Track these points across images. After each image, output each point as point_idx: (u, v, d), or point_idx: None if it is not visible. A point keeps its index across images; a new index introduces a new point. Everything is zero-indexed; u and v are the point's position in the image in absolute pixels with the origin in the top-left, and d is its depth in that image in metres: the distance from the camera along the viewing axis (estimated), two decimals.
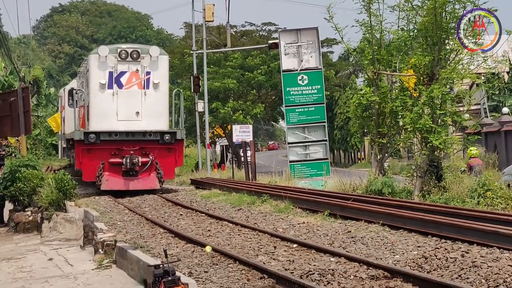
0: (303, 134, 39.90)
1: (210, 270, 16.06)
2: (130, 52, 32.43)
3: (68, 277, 16.27)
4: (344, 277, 14.32)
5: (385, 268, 14.78)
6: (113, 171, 32.10)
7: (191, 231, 22.37)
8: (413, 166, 28.97)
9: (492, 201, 23.15)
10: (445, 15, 27.37)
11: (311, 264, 15.90)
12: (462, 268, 14.23)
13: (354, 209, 23.80)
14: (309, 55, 40.10)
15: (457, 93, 30.64)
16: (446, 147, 27.82)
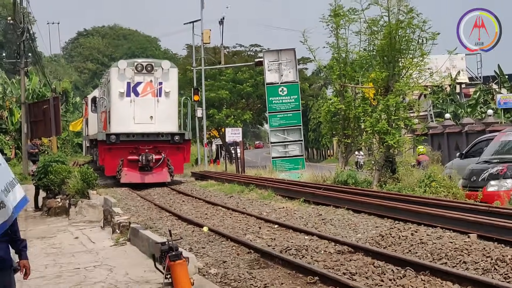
0: (283, 135, 39.91)
1: (206, 246, 16.04)
2: (145, 66, 32.24)
3: (91, 252, 16.22)
4: (316, 252, 14.33)
5: (349, 245, 14.81)
6: (131, 167, 31.76)
7: (191, 215, 22.37)
8: (372, 161, 29.07)
9: (436, 190, 23.23)
10: (398, 38, 27.51)
11: (289, 241, 15.89)
12: (412, 245, 14.28)
13: (324, 196, 23.85)
14: (288, 71, 40.11)
15: (408, 102, 30.84)
16: (399, 146, 28.10)
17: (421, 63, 28.63)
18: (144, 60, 34.17)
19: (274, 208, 22.77)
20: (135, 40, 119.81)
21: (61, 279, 12.80)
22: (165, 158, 32.02)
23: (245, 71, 65.67)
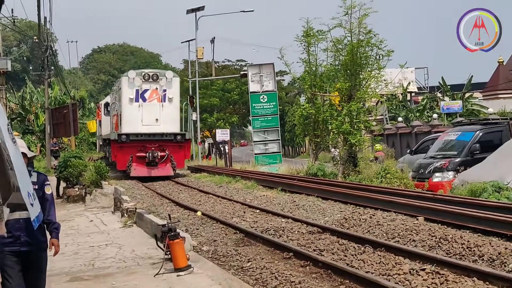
0: (263, 135, 39.87)
1: (200, 228, 16.03)
2: (151, 75, 32.08)
3: (103, 232, 16.19)
4: (291, 232, 14.35)
5: (318, 226, 14.84)
6: (139, 162, 31.41)
7: (187, 201, 22.35)
8: (339, 156, 29.14)
9: (391, 180, 23.32)
10: (359, 55, 27.63)
11: (268, 223, 15.92)
12: (370, 226, 14.32)
13: (298, 186, 23.87)
14: (268, 82, 40.09)
15: (367, 107, 30.97)
16: (360, 144, 28.21)
17: (378, 75, 28.79)
18: (151, 71, 33.97)
19: (256, 196, 22.79)
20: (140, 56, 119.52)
21: (79, 256, 12.78)
22: (168, 155, 31.66)
23: (232, 82, 65.89)
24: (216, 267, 11.08)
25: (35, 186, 6.36)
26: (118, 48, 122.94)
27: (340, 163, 28.45)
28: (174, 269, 10.78)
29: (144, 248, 13.25)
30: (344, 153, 28.30)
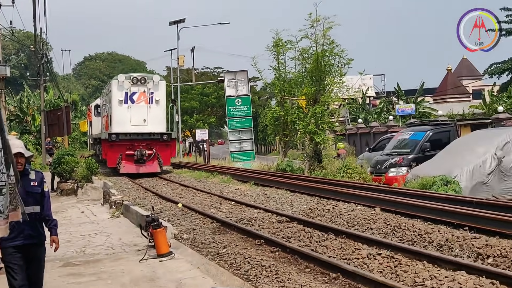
0: (238, 135, 39.85)
1: (180, 218, 15.97)
2: (139, 79, 31.27)
3: (93, 223, 16.08)
4: (262, 222, 14.34)
5: (287, 216, 14.84)
6: (128, 160, 30.43)
7: (169, 194, 22.23)
8: (305, 154, 29.26)
9: (351, 175, 23.45)
10: (323, 63, 27.76)
11: (242, 214, 15.89)
12: (333, 215, 14.37)
13: (268, 180, 23.86)
14: (242, 87, 40.04)
15: (331, 110, 31.06)
16: (324, 142, 28.34)
17: (340, 81, 28.99)
18: (139, 74, 33.17)
19: (232, 189, 22.74)
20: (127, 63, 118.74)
21: (71, 243, 12.68)
22: (155, 153, 30.78)
23: (210, 87, 65.72)
24: (195, 253, 11.06)
25: (34, 183, 6.48)
26: (107, 56, 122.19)
27: (306, 160, 28.60)
28: (157, 255, 10.77)
29: (130, 236, 13.19)
30: (310, 150, 28.44)
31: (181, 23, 53.83)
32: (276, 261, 10.36)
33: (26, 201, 5.88)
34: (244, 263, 10.19)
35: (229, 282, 8.78)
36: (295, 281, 8.79)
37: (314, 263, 9.93)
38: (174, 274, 9.53)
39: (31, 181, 6.50)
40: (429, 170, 18.93)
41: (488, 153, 17.96)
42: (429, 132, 24.99)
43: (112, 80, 32.45)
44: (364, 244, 11.00)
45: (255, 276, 9.37)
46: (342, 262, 9.62)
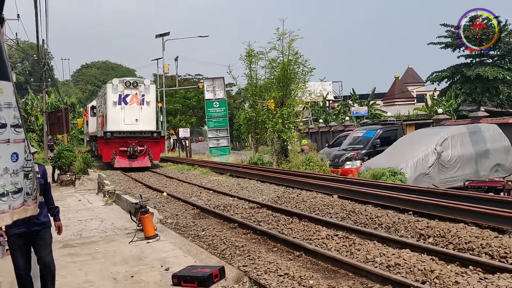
0: (216, 133, 39.67)
1: (165, 205, 15.88)
2: (132, 82, 30.45)
3: (89, 209, 15.90)
4: (237, 208, 14.32)
5: (258, 203, 14.84)
6: (122, 156, 29.52)
7: (156, 185, 22.06)
8: (273, 149, 29.28)
9: (313, 168, 23.54)
10: (289, 71, 27.80)
11: (219, 201, 15.85)
12: (297, 202, 14.41)
13: (242, 172, 23.86)
14: (219, 91, 39.88)
15: (296, 112, 31.09)
16: (290, 139, 28.40)
17: (303, 87, 29.08)
18: (131, 78, 32.32)
19: (210, 180, 22.70)
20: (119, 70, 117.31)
21: (69, 228, 12.51)
22: (146, 149, 29.87)
23: (192, 91, 65.38)
24: (178, 236, 11.01)
25: (38, 175, 6.12)
26: (102, 64, 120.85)
27: (275, 154, 28.67)
28: (144, 237, 10.70)
29: (121, 221, 13.09)
30: (278, 146, 28.50)
31: (166, 36, 53.53)
32: (248, 241, 10.36)
33: None
34: (220, 244, 10.18)
35: (207, 260, 8.77)
36: (264, 258, 8.80)
37: (280, 243, 9.96)
38: (160, 254, 9.48)
39: None
40: (379, 163, 19.10)
41: (430, 148, 18.18)
42: (379, 130, 25.21)
43: (107, 84, 31.63)
44: (323, 226, 11.06)
45: (229, 254, 9.37)
46: (305, 242, 9.66)
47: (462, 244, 8.89)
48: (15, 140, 3.36)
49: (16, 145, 3.37)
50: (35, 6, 27.84)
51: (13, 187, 3.35)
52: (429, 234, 9.74)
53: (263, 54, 29.45)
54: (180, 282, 7.46)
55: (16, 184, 3.37)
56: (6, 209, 3.27)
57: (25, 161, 3.47)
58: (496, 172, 18.60)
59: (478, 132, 19.55)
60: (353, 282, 7.32)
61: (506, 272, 7.04)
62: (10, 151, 3.32)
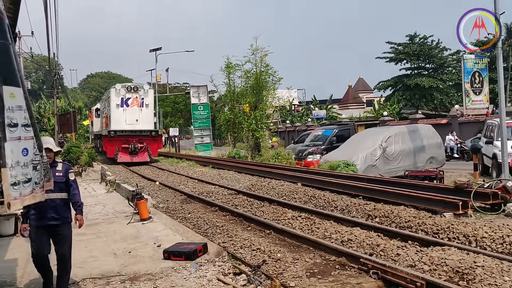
0: (201, 132, 39.30)
1: (157, 192, 15.79)
2: (133, 87, 29.36)
3: (93, 196, 15.67)
4: (218, 194, 14.29)
5: (235, 190, 14.82)
6: (124, 152, 28.37)
7: (149, 175, 21.85)
8: (248, 145, 29.26)
9: (281, 161, 23.59)
10: (261, 80, 27.80)
11: (203, 189, 15.79)
12: (268, 189, 14.41)
13: (222, 164, 23.83)
14: (203, 97, 39.51)
15: (267, 114, 31.11)
16: (262, 137, 28.35)
17: (273, 94, 29.12)
18: (132, 84, 30.94)
19: (195, 171, 22.58)
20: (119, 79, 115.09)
21: None
22: (146, 146, 28.74)
23: (180, 97, 64.95)
24: (168, 218, 10.93)
25: (60, 173, 5.81)
26: (104, 74, 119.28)
27: (249, 150, 28.66)
28: (140, 219, 10.59)
29: (121, 206, 12.93)
30: (252, 143, 28.49)
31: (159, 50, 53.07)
32: (227, 222, 10.34)
33: (51, 189, 5.16)
34: (204, 224, 10.14)
35: (192, 238, 8.72)
36: (240, 236, 8.79)
37: (254, 223, 9.96)
38: (153, 233, 9.40)
39: (56, 171, 5.77)
40: (335, 157, 19.20)
41: (376, 144, 18.31)
42: (336, 129, 25.35)
43: (111, 88, 30.64)
44: (289, 209, 11.08)
45: (211, 233, 9.34)
46: (274, 222, 9.67)
47: (403, 223, 8.99)
48: (25, 137, 3.47)
49: (26, 142, 3.48)
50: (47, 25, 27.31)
51: (24, 177, 3.44)
52: (375, 215, 9.83)
53: (240, 66, 29.46)
54: (170, 257, 7.41)
55: (26, 175, 3.47)
56: (18, 196, 3.37)
57: (34, 155, 3.55)
58: (431, 164, 18.83)
59: (416, 131, 19.77)
60: (314, 255, 7.35)
61: (438, 245, 7.14)
62: (21, 146, 3.43)
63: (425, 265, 6.21)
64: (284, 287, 5.87)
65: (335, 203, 11.36)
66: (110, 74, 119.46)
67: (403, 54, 49.60)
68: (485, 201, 9.95)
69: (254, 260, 7.11)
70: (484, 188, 10.52)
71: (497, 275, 5.65)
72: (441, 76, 49.36)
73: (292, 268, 6.70)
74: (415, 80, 47.99)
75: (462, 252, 6.62)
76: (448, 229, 8.10)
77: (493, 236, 7.46)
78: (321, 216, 10.03)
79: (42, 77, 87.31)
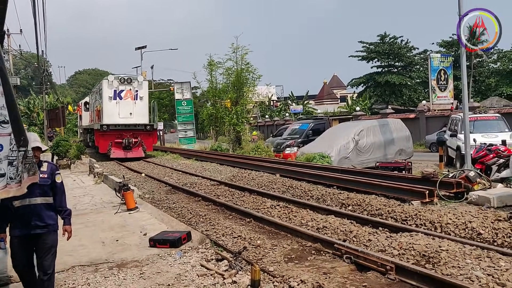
0: (184, 126, 39.11)
1: (143, 183, 15.67)
2: (126, 79, 26.65)
3: (82, 187, 15.48)
4: (201, 185, 14.23)
5: (217, 181, 14.79)
6: (117, 147, 25.88)
7: (136, 167, 21.65)
8: (230, 139, 29.17)
9: (260, 153, 23.58)
10: (242, 77, 27.69)
11: (187, 180, 15.73)
12: (248, 180, 14.40)
13: (205, 157, 23.76)
14: (187, 93, 39.22)
15: (247, 109, 31.04)
16: (243, 131, 28.28)
17: (253, 90, 29.03)
18: (126, 75, 27.97)
19: (180, 163, 22.45)
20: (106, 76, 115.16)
21: None
22: (140, 141, 26.31)
23: (164, 93, 64.47)
24: (154, 207, 10.87)
25: (44, 175, 4.80)
26: (92, 71, 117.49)
27: (231, 143, 28.57)
28: (127, 209, 10.51)
29: (108, 197, 12.81)
30: (233, 136, 28.40)
31: (144, 48, 52.55)
32: (210, 211, 10.33)
33: (33, 192, 4.52)
34: (188, 213, 10.11)
35: (177, 226, 8.69)
36: (222, 224, 8.79)
37: (235, 212, 9.96)
38: (139, 222, 9.34)
39: (41, 173, 4.69)
40: (311, 149, 19.27)
41: (350, 137, 18.41)
42: (312, 124, 25.47)
43: (103, 80, 27.85)
44: (268, 198, 11.12)
45: (195, 222, 9.32)
46: (254, 211, 9.69)
47: (374, 210, 9.09)
48: (1, 134, 3.38)
49: (2, 138, 3.38)
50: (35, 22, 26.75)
51: None
52: (349, 203, 9.92)
53: (221, 64, 29.30)
54: (156, 244, 7.38)
55: (0, 170, 3.39)
56: None
57: (10, 151, 3.47)
58: (400, 155, 19.04)
59: (386, 125, 19.94)
60: (291, 241, 7.40)
61: (406, 232, 7.24)
62: None
63: (394, 250, 6.30)
64: (264, 271, 5.90)
65: (311, 192, 11.42)
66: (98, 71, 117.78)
67: (374, 53, 50.02)
68: (450, 190, 10.12)
69: (235, 247, 7.12)
70: (449, 178, 10.70)
71: (460, 258, 5.76)
72: (410, 74, 49.94)
73: (271, 254, 6.74)
74: (385, 78, 48.45)
75: (428, 238, 6.73)
76: (415, 216, 8.22)
77: (456, 222, 7.60)
78: (298, 205, 10.08)
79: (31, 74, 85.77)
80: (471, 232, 7.24)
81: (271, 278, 5.74)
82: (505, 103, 34.59)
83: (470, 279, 5.14)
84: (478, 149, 12.67)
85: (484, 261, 5.64)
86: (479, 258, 5.78)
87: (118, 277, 6.11)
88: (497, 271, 5.29)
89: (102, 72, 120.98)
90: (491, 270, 5.35)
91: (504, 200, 9.06)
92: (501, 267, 5.42)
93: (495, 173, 11.74)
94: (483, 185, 10.37)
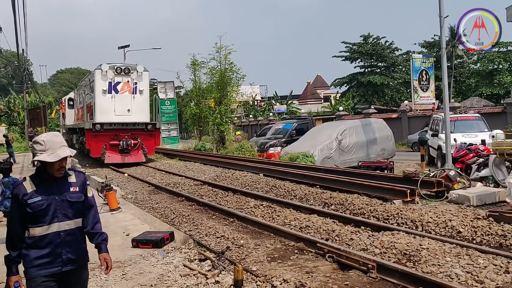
0: (168, 126, 38.83)
1: (126, 184, 15.53)
2: (123, 68, 22.35)
3: None
4: (184, 185, 14.17)
5: (201, 181, 14.72)
6: (113, 150, 21.82)
7: (118, 167, 21.23)
8: (213, 138, 29.09)
9: (244, 153, 23.56)
10: (225, 77, 27.62)
11: (170, 180, 15.64)
12: (232, 180, 14.36)
13: (188, 157, 23.62)
14: (170, 92, 38.99)
15: (231, 109, 30.98)
16: (227, 131, 28.20)
17: (237, 90, 28.98)
18: (123, 64, 23.75)
19: (163, 163, 22.24)
20: None
21: None
22: (140, 143, 22.20)
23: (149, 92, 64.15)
24: (137, 208, 10.79)
25: (75, 188, 3.49)
26: (74, 70, 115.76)
27: (215, 142, 28.50)
28: (109, 210, 10.41)
29: None
30: (217, 136, 28.33)
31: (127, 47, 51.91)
32: (193, 211, 10.29)
33: (66, 215, 3.41)
34: (171, 214, 10.07)
35: (160, 226, 8.64)
36: (205, 224, 8.77)
37: (218, 212, 9.95)
38: (122, 222, 9.27)
39: (71, 185, 3.49)
40: (295, 149, 19.32)
41: (333, 137, 18.50)
42: (295, 123, 25.56)
43: (95, 70, 23.21)
44: (252, 198, 11.12)
45: (178, 222, 9.28)
46: (237, 211, 9.69)
47: (356, 210, 9.17)
48: None
49: None
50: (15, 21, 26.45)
51: None
52: (331, 203, 9.98)
53: (205, 63, 29.20)
54: (138, 245, 7.33)
55: None
56: None
57: None
58: (382, 155, 19.20)
59: (369, 125, 20.09)
60: (274, 241, 7.42)
61: (388, 230, 7.32)
62: None
63: (376, 249, 6.36)
64: (247, 271, 5.91)
65: (295, 192, 11.46)
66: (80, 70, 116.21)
67: (358, 54, 50.37)
68: (431, 189, 10.24)
69: (218, 247, 7.11)
70: (430, 177, 10.83)
71: (440, 256, 5.84)
72: (392, 74, 50.44)
73: (254, 253, 6.75)
74: (368, 78, 48.84)
75: (409, 236, 6.81)
76: (397, 215, 8.31)
77: (437, 221, 7.71)
78: (281, 205, 10.11)
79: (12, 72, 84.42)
80: (451, 231, 7.35)
81: (254, 277, 5.75)
82: (484, 103, 35.14)
83: (449, 277, 5.22)
84: (458, 148, 12.86)
85: (464, 259, 5.74)
86: (459, 256, 5.87)
87: (100, 278, 6.06)
88: (476, 269, 5.38)
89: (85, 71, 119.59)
90: (470, 267, 5.44)
91: (483, 199, 9.21)
92: (479, 265, 5.52)
93: (474, 172, 11.95)
94: (463, 184, 10.52)
